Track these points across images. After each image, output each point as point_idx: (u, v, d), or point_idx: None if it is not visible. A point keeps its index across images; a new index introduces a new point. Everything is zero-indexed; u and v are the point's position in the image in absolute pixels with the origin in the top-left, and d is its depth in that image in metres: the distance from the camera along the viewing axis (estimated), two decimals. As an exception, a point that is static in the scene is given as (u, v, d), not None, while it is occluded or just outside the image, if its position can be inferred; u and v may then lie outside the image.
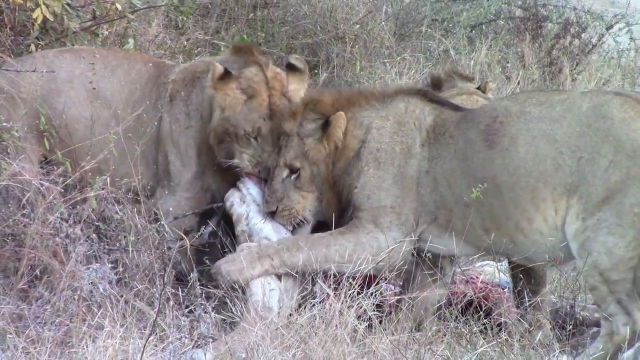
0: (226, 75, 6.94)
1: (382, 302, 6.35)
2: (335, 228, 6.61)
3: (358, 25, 11.54)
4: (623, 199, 6.09)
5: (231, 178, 7.10)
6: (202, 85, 7.19)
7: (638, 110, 6.19)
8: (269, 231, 6.73)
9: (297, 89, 7.18)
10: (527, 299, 6.63)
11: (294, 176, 6.80)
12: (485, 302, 6.98)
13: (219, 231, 7.05)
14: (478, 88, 7.94)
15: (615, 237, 6.10)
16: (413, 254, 6.58)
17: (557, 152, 6.23)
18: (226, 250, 6.83)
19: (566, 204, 6.21)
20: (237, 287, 6.36)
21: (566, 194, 6.20)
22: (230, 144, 7.01)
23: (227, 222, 7.06)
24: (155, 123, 7.21)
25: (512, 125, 6.35)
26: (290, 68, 7.21)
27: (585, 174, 6.16)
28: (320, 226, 6.81)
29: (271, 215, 6.80)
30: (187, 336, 5.95)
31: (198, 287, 6.37)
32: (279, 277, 6.48)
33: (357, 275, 6.34)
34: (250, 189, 6.93)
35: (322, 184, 6.76)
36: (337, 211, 6.73)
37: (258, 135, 6.96)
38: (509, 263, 7.04)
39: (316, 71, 11.09)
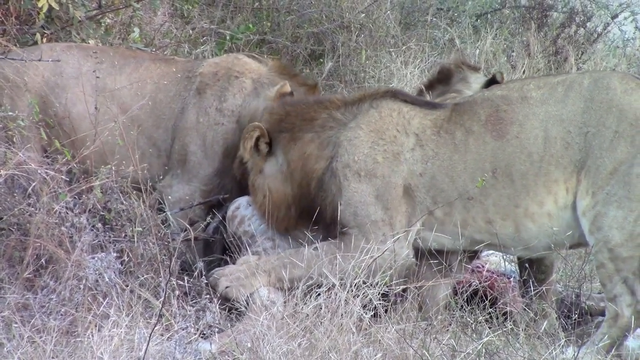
0: (289, 96, 6.97)
1: (387, 292, 6.34)
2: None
3: (363, 14, 11.52)
4: (630, 169, 6.12)
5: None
6: (245, 88, 7.24)
7: (638, 83, 6.27)
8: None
9: None
10: (532, 288, 6.63)
11: None
12: (491, 292, 6.98)
13: (221, 227, 7.08)
14: (492, 78, 7.92)
15: (625, 210, 6.11)
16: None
17: (565, 131, 6.24)
18: (228, 252, 6.87)
19: (576, 180, 6.21)
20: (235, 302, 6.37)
21: (576, 171, 6.21)
22: None
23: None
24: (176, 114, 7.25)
25: (518, 111, 6.34)
26: None
27: (593, 147, 6.18)
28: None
29: None
30: (193, 325, 5.96)
31: (203, 277, 6.39)
32: None
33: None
34: None
35: (268, 198, 6.73)
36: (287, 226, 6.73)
37: None
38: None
39: (321, 60, 11.09)
